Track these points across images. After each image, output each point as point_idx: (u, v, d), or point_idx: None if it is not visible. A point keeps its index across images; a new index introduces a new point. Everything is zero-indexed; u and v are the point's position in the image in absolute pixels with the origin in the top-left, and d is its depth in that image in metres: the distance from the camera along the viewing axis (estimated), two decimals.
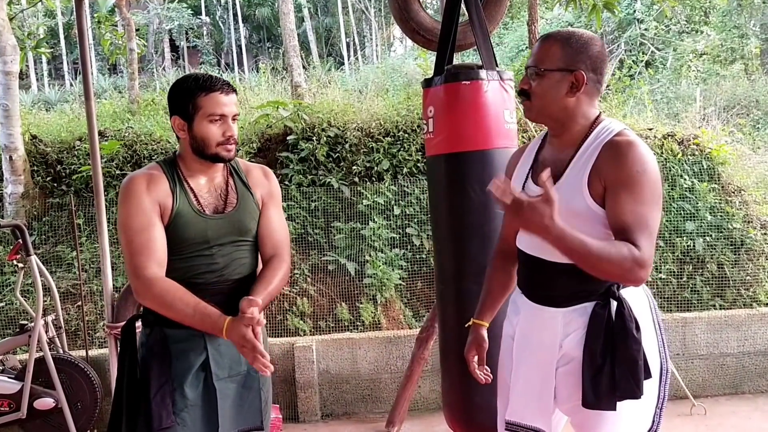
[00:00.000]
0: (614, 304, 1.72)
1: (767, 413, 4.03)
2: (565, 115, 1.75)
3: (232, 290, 1.97)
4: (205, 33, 27.40)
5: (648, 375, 1.72)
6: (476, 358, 2.04)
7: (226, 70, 23.97)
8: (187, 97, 1.93)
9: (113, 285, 3.67)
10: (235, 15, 26.98)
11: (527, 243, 1.85)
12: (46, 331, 3.72)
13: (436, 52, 3.14)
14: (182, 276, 1.91)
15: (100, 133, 6.15)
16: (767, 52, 13.99)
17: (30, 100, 15.14)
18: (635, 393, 1.69)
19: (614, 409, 1.70)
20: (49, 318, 3.81)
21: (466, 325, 2.08)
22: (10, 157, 5.51)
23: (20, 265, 3.75)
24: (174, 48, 26.89)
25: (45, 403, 3.64)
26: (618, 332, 1.70)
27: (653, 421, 1.81)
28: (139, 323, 2.04)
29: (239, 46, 27.10)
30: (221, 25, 28.02)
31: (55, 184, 5.72)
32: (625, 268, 1.57)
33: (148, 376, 1.90)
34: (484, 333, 2.04)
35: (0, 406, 3.61)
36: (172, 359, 1.93)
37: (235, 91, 1.98)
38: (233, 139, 1.94)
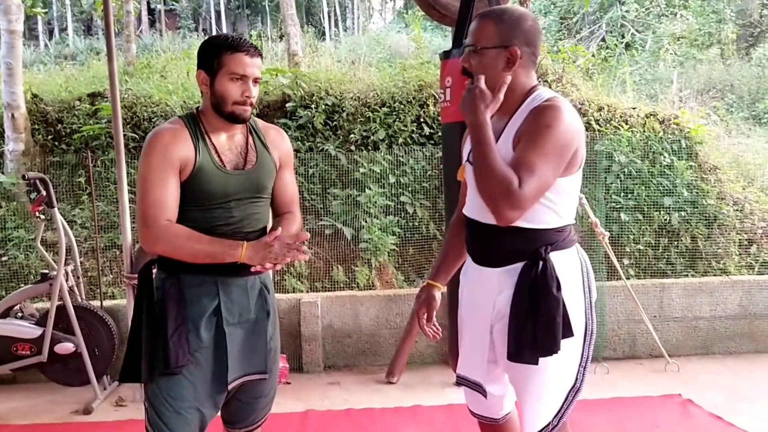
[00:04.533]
0: (540, 264, 1.81)
1: (735, 371, 4.34)
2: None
3: None
4: None
5: (569, 333, 1.81)
6: (426, 315, 2.11)
7: (204, 35, 23.61)
8: (214, 54, 1.98)
9: (132, 239, 3.83)
10: None
11: (470, 209, 1.98)
12: (66, 280, 3.86)
13: (445, 26, 3.32)
14: (200, 226, 1.98)
15: (99, 95, 6.23)
16: (743, 37, 14.23)
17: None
18: (552, 349, 1.79)
19: (536, 363, 1.81)
20: (69, 268, 3.94)
21: (421, 285, 2.18)
22: (12, 115, 5.57)
23: (41, 216, 3.88)
24: (151, 11, 26.37)
25: (65, 347, 3.80)
26: (540, 291, 1.79)
27: (576, 379, 1.90)
28: (154, 268, 2.13)
29: (217, 12, 26.73)
30: None
31: (56, 143, 5.80)
32: (501, 190, 1.66)
33: (165, 317, 1.96)
34: (437, 294, 2.12)
35: (22, 350, 3.78)
36: (187, 303, 2.00)
37: (261, 55, 2.06)
38: (250, 100, 2.01)
